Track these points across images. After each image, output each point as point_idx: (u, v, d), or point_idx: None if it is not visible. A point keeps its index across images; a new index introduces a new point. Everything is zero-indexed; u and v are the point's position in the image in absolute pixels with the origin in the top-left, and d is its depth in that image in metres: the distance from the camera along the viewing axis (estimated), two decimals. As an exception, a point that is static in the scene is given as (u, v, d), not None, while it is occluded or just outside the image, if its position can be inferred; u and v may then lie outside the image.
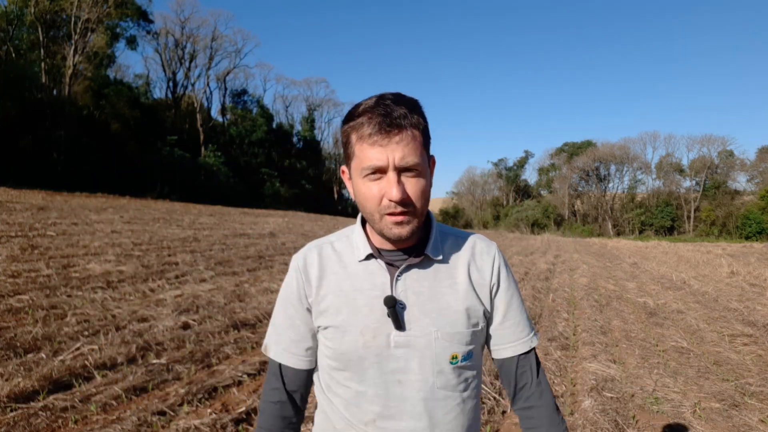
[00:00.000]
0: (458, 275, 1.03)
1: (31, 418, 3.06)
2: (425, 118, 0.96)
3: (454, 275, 1.03)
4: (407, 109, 0.92)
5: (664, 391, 4.22)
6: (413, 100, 0.96)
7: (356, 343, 1.00)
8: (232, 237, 13.85)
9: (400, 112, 0.91)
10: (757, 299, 8.84)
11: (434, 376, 1.00)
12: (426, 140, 0.96)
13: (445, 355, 1.00)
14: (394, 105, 0.91)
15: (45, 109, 29.49)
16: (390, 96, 0.94)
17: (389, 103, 0.91)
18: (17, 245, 8.74)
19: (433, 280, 1.02)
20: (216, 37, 48.62)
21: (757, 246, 29.24)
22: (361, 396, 1.02)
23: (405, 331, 0.99)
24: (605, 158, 57.29)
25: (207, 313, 5.72)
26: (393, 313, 0.98)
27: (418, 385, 1.00)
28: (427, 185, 0.96)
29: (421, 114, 0.95)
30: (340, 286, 1.03)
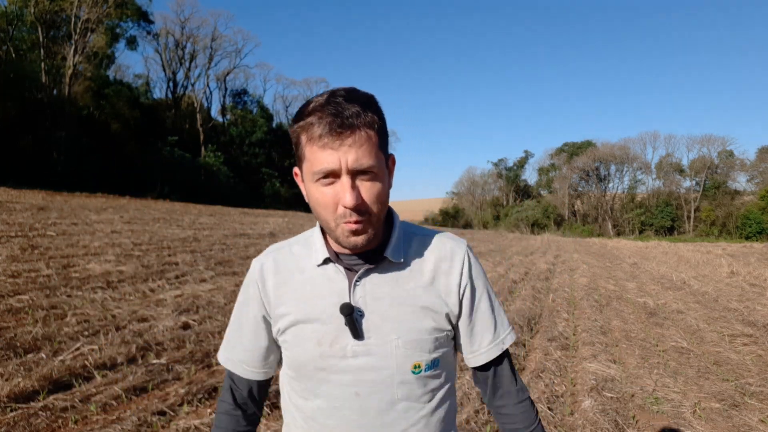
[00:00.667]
0: (422, 278, 0.96)
1: (31, 418, 3.05)
2: (381, 114, 0.89)
3: (417, 279, 0.96)
4: (360, 107, 0.85)
5: (664, 391, 4.22)
6: (367, 96, 0.89)
7: (313, 353, 0.94)
8: (232, 237, 13.85)
9: (352, 111, 0.84)
10: (757, 299, 8.84)
11: (395, 387, 0.93)
12: (382, 139, 0.89)
13: (406, 365, 0.93)
14: (345, 103, 0.84)
15: (45, 109, 29.49)
16: (342, 92, 0.87)
17: (341, 101, 0.85)
18: (17, 245, 8.74)
19: (394, 284, 0.95)
20: (216, 37, 48.64)
21: (757, 246, 29.24)
22: (318, 410, 0.97)
23: (363, 340, 0.93)
24: (605, 158, 57.28)
25: (207, 313, 5.72)
26: (350, 321, 0.92)
27: (377, 397, 0.93)
28: (384, 188, 0.90)
29: (377, 111, 0.88)
30: (298, 292, 0.98)
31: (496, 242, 25.43)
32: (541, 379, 4.34)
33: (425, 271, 0.97)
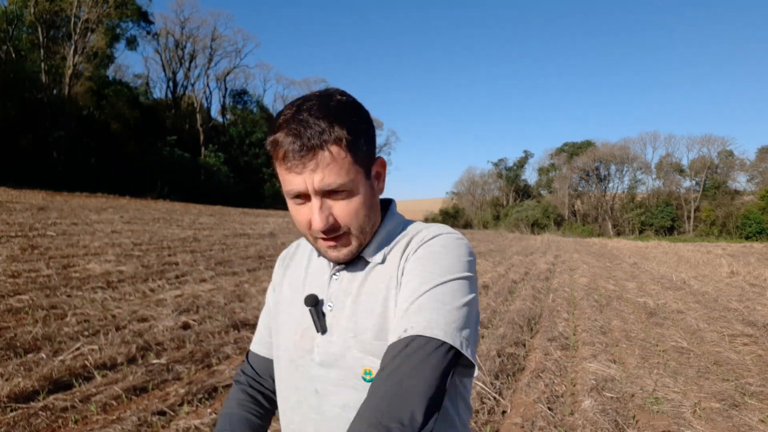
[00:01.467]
0: (389, 276, 0.86)
1: (31, 418, 3.05)
2: (356, 124, 0.81)
3: (386, 276, 0.86)
4: (327, 123, 0.78)
5: (664, 391, 4.22)
6: (341, 105, 0.81)
7: (289, 341, 0.93)
8: (232, 237, 13.85)
9: (315, 130, 0.78)
10: (757, 299, 8.84)
11: (348, 391, 0.85)
12: (356, 152, 0.81)
13: (357, 368, 0.84)
14: (312, 119, 0.78)
15: (45, 109, 29.51)
16: (312, 103, 0.81)
17: (305, 117, 0.78)
18: (17, 245, 8.74)
19: (363, 280, 0.88)
20: (216, 37, 48.65)
21: (757, 246, 29.24)
22: (284, 401, 0.95)
23: (326, 336, 0.88)
24: (605, 158, 57.29)
25: (207, 313, 5.72)
26: (313, 313, 0.89)
27: (332, 399, 0.87)
28: (363, 201, 0.84)
29: (349, 122, 0.80)
30: (294, 278, 0.99)
31: (496, 242, 25.42)
32: (541, 379, 4.34)
33: (395, 267, 0.86)
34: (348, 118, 0.80)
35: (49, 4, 31.53)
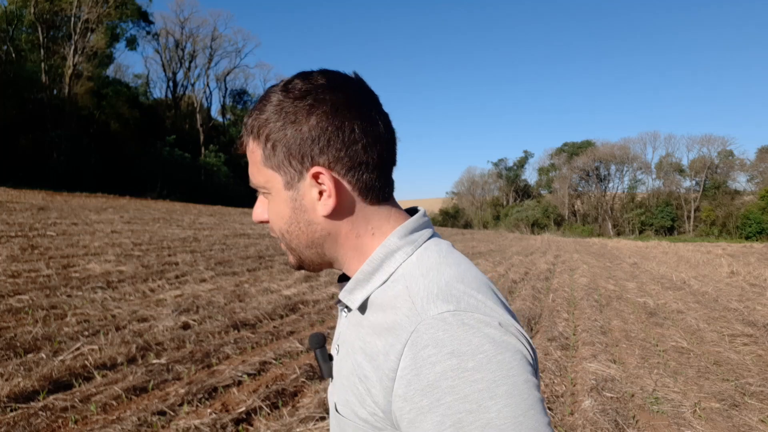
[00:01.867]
0: (373, 351, 0.61)
1: (31, 418, 3.05)
2: (282, 114, 0.64)
3: (370, 346, 0.62)
4: (259, 107, 0.67)
5: (664, 391, 4.22)
6: (283, 90, 0.66)
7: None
8: (232, 237, 13.86)
9: (251, 113, 0.69)
10: (757, 299, 8.84)
11: None
12: (266, 151, 0.66)
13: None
14: (260, 98, 0.68)
15: (45, 109, 29.53)
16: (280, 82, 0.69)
17: (261, 97, 0.69)
18: (17, 245, 8.74)
19: (354, 333, 0.68)
20: (216, 37, 48.68)
21: (757, 246, 29.25)
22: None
23: (333, 382, 0.73)
24: (605, 158, 57.31)
25: (207, 313, 5.72)
26: (319, 355, 0.76)
27: None
28: (277, 213, 0.69)
29: (271, 112, 0.65)
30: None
31: (496, 242, 25.43)
32: (541, 379, 4.34)
33: (375, 337, 0.62)
34: (274, 108, 0.65)
35: (49, 4, 31.54)
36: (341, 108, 0.63)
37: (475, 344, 0.53)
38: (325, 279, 8.45)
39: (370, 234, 0.67)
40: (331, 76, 0.66)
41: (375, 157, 0.65)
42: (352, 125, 0.63)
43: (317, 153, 0.63)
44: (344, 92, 0.64)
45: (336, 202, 0.64)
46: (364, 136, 0.64)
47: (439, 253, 0.66)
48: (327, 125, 0.63)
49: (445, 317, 0.55)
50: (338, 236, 0.68)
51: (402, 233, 0.66)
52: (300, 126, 0.63)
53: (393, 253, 0.65)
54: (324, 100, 0.63)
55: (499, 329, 0.56)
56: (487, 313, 0.57)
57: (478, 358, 0.53)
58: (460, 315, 0.56)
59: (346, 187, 0.65)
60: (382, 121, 0.66)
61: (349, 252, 0.69)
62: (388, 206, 0.69)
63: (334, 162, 0.64)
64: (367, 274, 0.66)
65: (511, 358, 0.54)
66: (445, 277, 0.60)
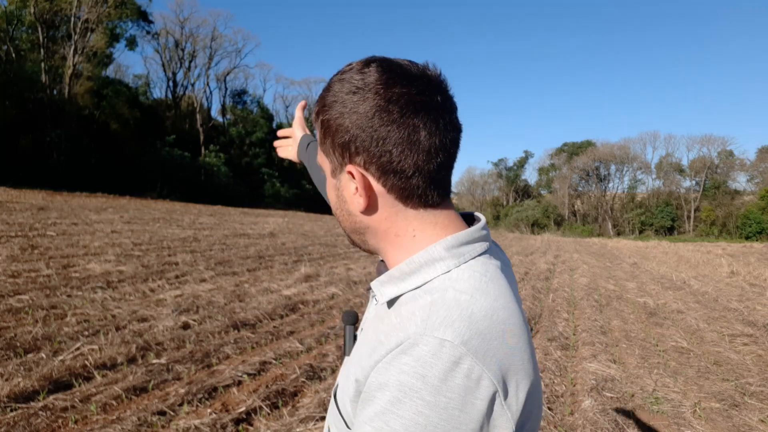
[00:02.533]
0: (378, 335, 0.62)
1: (31, 418, 3.05)
2: (335, 102, 0.65)
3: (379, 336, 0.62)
4: (323, 91, 0.69)
5: (664, 391, 4.22)
6: (334, 76, 0.69)
7: None
8: (232, 237, 13.86)
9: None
10: (757, 299, 8.84)
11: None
12: (323, 135, 0.68)
13: (329, 421, 0.73)
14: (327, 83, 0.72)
15: (45, 109, 29.53)
16: (345, 68, 0.70)
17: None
18: (17, 245, 8.74)
19: (372, 324, 0.69)
20: (216, 37, 48.71)
21: (757, 246, 29.26)
22: None
23: (347, 360, 0.74)
24: (605, 158, 57.33)
25: (207, 313, 5.72)
26: (349, 332, 0.77)
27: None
28: (330, 190, 0.72)
29: (328, 99, 0.66)
30: None
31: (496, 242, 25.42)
32: (541, 379, 4.34)
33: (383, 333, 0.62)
34: (331, 96, 0.66)
35: (49, 4, 31.54)
36: (381, 111, 0.62)
37: (448, 386, 0.52)
38: (325, 279, 8.45)
39: (410, 235, 0.66)
40: (387, 71, 0.64)
41: (411, 165, 0.62)
42: (388, 131, 0.62)
43: (354, 151, 0.64)
44: (390, 92, 0.62)
45: (366, 203, 0.65)
46: (399, 143, 0.62)
47: (483, 277, 0.62)
48: (365, 127, 0.62)
49: (444, 344, 0.54)
50: (377, 231, 0.68)
51: (451, 244, 0.64)
52: (344, 121, 0.64)
53: (434, 262, 0.63)
54: (367, 99, 0.62)
55: (483, 392, 0.53)
56: (490, 371, 0.54)
57: (438, 398, 0.52)
58: (458, 352, 0.53)
59: (380, 189, 0.65)
60: (429, 128, 0.62)
61: (388, 246, 0.68)
62: (437, 211, 0.67)
63: (368, 163, 0.63)
64: (403, 274, 0.65)
65: (466, 423, 0.52)
66: (474, 308, 0.57)
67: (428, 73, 0.65)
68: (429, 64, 0.67)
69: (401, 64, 0.65)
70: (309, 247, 13.41)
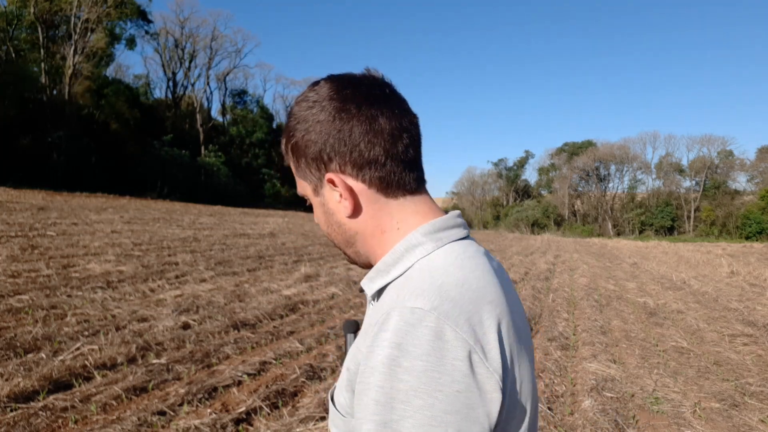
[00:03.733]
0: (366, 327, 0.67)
1: (31, 418, 3.05)
2: (293, 127, 0.69)
3: (366, 324, 0.68)
4: (286, 123, 0.73)
5: (664, 391, 4.22)
6: (293, 103, 0.73)
7: None
8: (232, 237, 13.86)
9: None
10: (757, 299, 8.84)
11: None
12: (292, 162, 0.72)
13: (330, 424, 0.72)
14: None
15: (45, 109, 29.52)
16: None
17: None
18: (17, 245, 8.74)
19: (368, 319, 0.69)
20: (216, 37, 48.70)
21: (757, 246, 29.26)
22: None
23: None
24: (605, 158, 57.31)
25: (207, 313, 5.72)
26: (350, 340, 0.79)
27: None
28: (323, 215, 0.73)
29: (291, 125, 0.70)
30: None
31: (496, 242, 25.43)
32: (541, 379, 4.34)
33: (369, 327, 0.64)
34: (293, 120, 0.70)
35: (49, 3, 31.53)
36: (339, 111, 0.66)
37: (423, 349, 0.53)
38: (325, 279, 8.45)
39: (395, 228, 0.68)
40: (335, 81, 0.69)
41: (380, 152, 0.65)
42: (351, 126, 0.65)
43: (327, 159, 0.67)
44: (343, 94, 0.66)
45: (353, 204, 0.67)
46: (364, 134, 0.65)
47: (460, 255, 0.64)
48: (330, 131, 0.66)
49: (414, 311, 0.55)
50: (365, 234, 0.70)
51: (427, 230, 0.66)
52: (310, 135, 0.67)
53: (414, 247, 0.66)
54: (325, 108, 0.66)
55: (460, 352, 0.53)
56: (460, 329, 0.54)
57: (414, 363, 0.52)
58: (428, 316, 0.54)
59: (361, 187, 0.67)
60: (386, 114, 0.66)
61: (377, 248, 0.70)
62: (416, 199, 0.69)
63: (343, 165, 0.66)
64: (387, 265, 0.67)
65: (447, 384, 0.52)
66: (446, 279, 0.59)
67: (372, 74, 0.70)
68: (371, 69, 0.71)
69: (347, 74, 0.70)
70: (309, 247, 13.41)
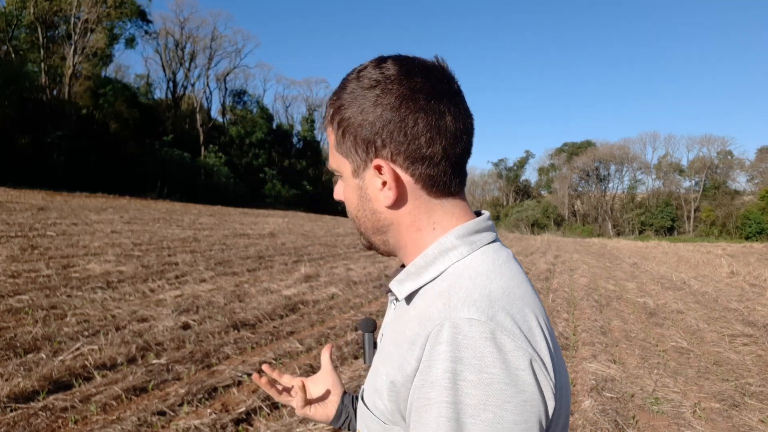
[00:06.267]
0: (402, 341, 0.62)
1: (31, 418, 3.05)
2: (350, 102, 0.66)
3: (401, 337, 0.63)
4: (333, 95, 0.69)
5: (664, 391, 4.22)
6: (347, 76, 0.69)
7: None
8: (232, 237, 13.85)
9: (327, 102, 0.71)
10: (757, 299, 8.85)
11: None
12: (337, 137, 0.68)
13: (360, 425, 0.71)
14: (337, 87, 0.71)
15: (45, 109, 29.51)
16: (355, 69, 0.70)
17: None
18: (17, 245, 8.74)
19: (392, 325, 0.70)
20: (216, 37, 48.70)
21: (757, 246, 29.26)
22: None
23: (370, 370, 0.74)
24: (605, 158, 57.34)
25: (207, 313, 5.72)
26: (367, 339, 0.77)
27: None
28: (347, 198, 0.72)
29: (341, 100, 0.67)
30: None
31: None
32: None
33: (407, 329, 0.63)
34: (348, 95, 0.66)
35: (49, 4, 31.53)
36: (407, 100, 0.63)
37: (486, 362, 0.53)
38: (325, 279, 8.45)
39: (431, 228, 0.67)
40: (404, 64, 0.66)
41: (439, 150, 0.64)
42: (416, 118, 0.63)
43: (380, 145, 0.64)
44: (413, 82, 0.64)
45: (396, 195, 0.65)
46: (428, 129, 0.63)
47: (496, 260, 0.64)
48: (391, 117, 0.63)
49: (473, 323, 0.55)
50: (400, 227, 0.68)
51: (461, 233, 0.66)
52: (366, 116, 0.64)
53: (448, 251, 0.65)
54: (391, 91, 0.63)
55: (523, 361, 0.54)
56: (517, 338, 0.55)
57: (480, 376, 0.53)
58: (485, 327, 0.55)
59: (408, 180, 0.65)
60: (453, 113, 0.65)
61: (408, 244, 0.69)
62: (455, 201, 0.68)
63: (396, 154, 0.64)
64: (419, 268, 0.66)
65: (514, 394, 0.53)
66: (492, 287, 0.59)
67: (441, 64, 0.68)
68: (439, 58, 0.68)
69: (416, 58, 0.67)
70: (309, 247, 13.41)
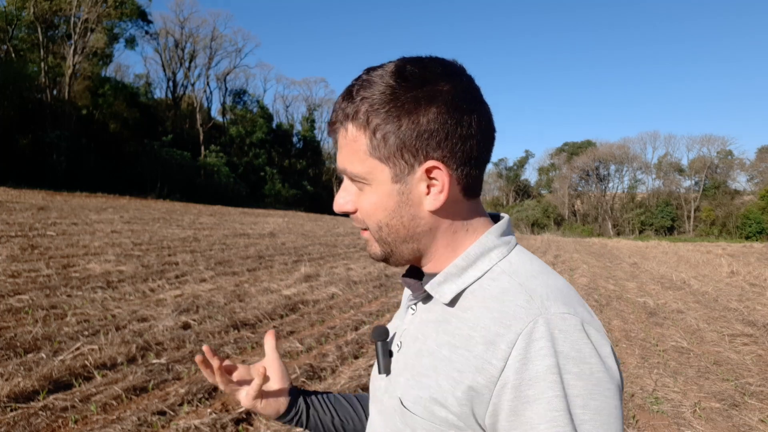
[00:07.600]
0: (468, 343, 0.60)
1: (31, 418, 3.05)
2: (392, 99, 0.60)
3: (463, 340, 0.61)
4: (353, 92, 0.62)
5: (664, 391, 4.22)
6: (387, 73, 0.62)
7: (373, 376, 0.80)
8: (232, 237, 13.85)
9: (340, 99, 0.64)
10: (757, 299, 8.85)
11: None
12: (374, 139, 0.62)
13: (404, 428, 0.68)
14: (354, 84, 0.64)
15: (44, 110, 29.53)
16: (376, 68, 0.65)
17: (353, 82, 0.65)
18: (17, 245, 8.74)
19: (435, 328, 0.66)
20: (216, 37, 48.69)
21: (757, 246, 29.26)
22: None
23: (387, 378, 0.72)
24: (605, 158, 57.35)
25: (207, 313, 5.72)
26: (380, 348, 0.74)
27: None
28: (376, 204, 0.65)
29: (376, 96, 0.61)
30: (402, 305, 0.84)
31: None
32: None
33: (476, 335, 0.60)
34: (387, 95, 0.60)
35: (49, 3, 31.53)
36: (458, 100, 0.61)
37: (585, 353, 0.55)
38: (325, 279, 8.45)
39: (464, 230, 0.67)
40: (446, 63, 0.64)
41: (485, 152, 0.64)
42: (470, 119, 0.61)
43: (433, 147, 0.61)
44: (459, 82, 0.62)
45: (446, 198, 0.63)
46: (479, 130, 0.62)
47: (534, 259, 0.67)
48: (447, 118, 0.60)
49: (566, 318, 0.57)
50: (437, 231, 0.67)
51: (498, 233, 0.67)
52: (418, 117, 0.60)
53: (489, 251, 0.65)
54: (442, 91, 0.60)
55: (607, 348, 0.57)
56: (597, 329, 0.59)
57: (582, 367, 0.55)
58: (575, 320, 0.57)
59: (454, 183, 0.64)
60: (490, 116, 0.66)
61: (441, 248, 0.68)
62: (478, 201, 0.69)
63: (449, 157, 0.62)
64: (460, 269, 0.65)
65: (610, 380, 0.56)
66: (557, 283, 0.62)
67: (463, 68, 0.67)
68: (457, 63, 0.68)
69: (452, 61, 0.66)
70: (309, 247, 13.41)
